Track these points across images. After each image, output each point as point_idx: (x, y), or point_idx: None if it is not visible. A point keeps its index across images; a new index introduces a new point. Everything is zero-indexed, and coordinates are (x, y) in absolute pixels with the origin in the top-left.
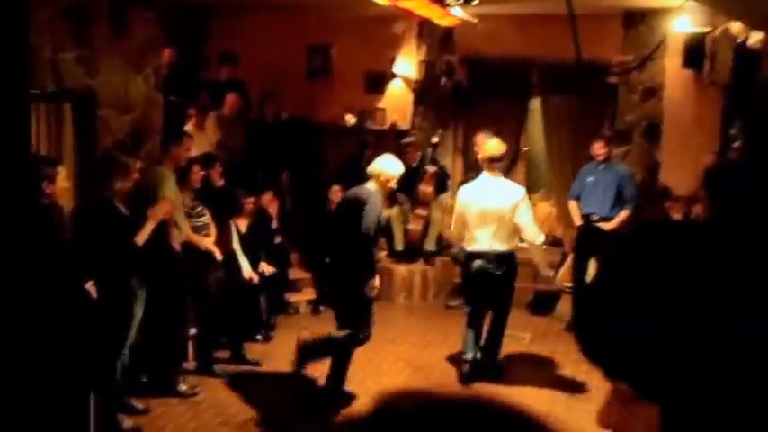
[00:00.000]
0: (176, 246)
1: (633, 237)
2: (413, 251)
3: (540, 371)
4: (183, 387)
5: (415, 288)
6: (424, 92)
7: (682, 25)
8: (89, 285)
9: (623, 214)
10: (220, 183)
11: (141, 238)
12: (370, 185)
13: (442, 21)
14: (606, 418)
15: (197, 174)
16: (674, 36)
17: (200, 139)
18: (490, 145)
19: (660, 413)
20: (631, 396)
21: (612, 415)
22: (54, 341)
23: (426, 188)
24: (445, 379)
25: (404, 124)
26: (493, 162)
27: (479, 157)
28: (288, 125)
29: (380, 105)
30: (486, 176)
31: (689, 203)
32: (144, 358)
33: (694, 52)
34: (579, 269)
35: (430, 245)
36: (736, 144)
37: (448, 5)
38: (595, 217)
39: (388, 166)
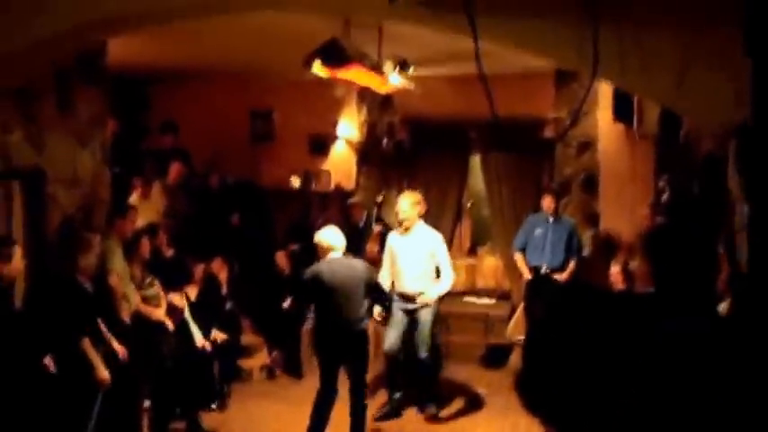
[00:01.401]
0: (125, 318)
1: (562, 303)
2: None
3: (494, 424)
4: None
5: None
6: (367, 152)
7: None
8: (47, 360)
9: (573, 265)
10: (169, 252)
11: None
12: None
13: (381, 88)
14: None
15: (145, 245)
16: (604, 91)
17: (147, 208)
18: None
19: None
20: None
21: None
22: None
23: (373, 247)
24: None
25: (348, 185)
26: None
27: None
28: (233, 190)
29: (324, 167)
30: None
31: (627, 253)
32: None
33: (623, 107)
34: (531, 322)
35: None
36: (665, 197)
37: (385, 74)
38: (545, 268)
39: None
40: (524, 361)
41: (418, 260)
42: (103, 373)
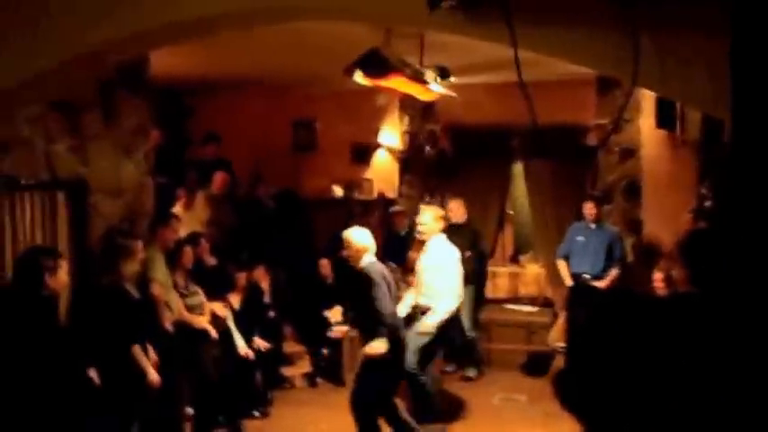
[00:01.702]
0: (168, 326)
1: (603, 309)
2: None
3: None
4: None
5: None
6: (409, 161)
7: None
8: (92, 372)
9: (614, 273)
10: (212, 261)
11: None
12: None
13: (423, 96)
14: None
15: (188, 254)
16: (647, 98)
17: (190, 218)
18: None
19: None
20: None
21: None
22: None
23: (415, 255)
24: None
25: (391, 193)
26: None
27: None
28: (277, 199)
29: (367, 176)
30: None
31: (670, 260)
32: None
33: (666, 113)
34: (573, 328)
35: None
36: (707, 203)
37: (426, 82)
38: (586, 276)
39: None
40: (565, 367)
41: (426, 275)
42: (154, 376)
